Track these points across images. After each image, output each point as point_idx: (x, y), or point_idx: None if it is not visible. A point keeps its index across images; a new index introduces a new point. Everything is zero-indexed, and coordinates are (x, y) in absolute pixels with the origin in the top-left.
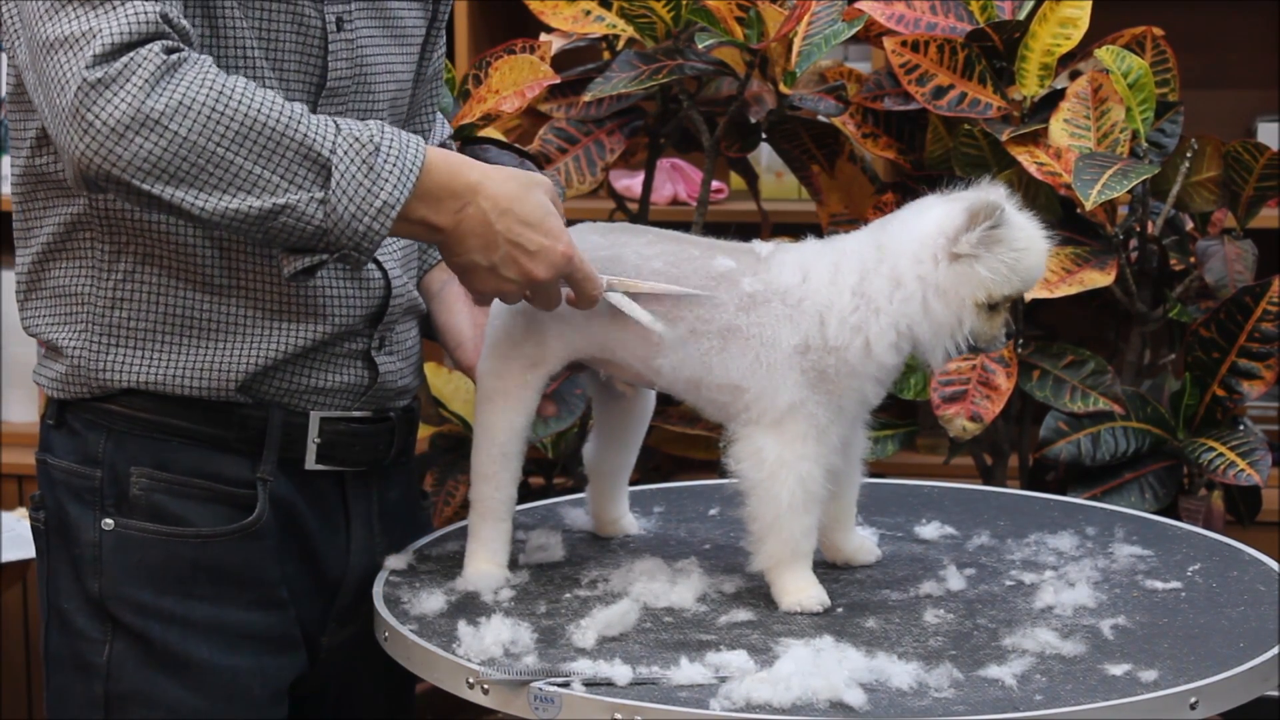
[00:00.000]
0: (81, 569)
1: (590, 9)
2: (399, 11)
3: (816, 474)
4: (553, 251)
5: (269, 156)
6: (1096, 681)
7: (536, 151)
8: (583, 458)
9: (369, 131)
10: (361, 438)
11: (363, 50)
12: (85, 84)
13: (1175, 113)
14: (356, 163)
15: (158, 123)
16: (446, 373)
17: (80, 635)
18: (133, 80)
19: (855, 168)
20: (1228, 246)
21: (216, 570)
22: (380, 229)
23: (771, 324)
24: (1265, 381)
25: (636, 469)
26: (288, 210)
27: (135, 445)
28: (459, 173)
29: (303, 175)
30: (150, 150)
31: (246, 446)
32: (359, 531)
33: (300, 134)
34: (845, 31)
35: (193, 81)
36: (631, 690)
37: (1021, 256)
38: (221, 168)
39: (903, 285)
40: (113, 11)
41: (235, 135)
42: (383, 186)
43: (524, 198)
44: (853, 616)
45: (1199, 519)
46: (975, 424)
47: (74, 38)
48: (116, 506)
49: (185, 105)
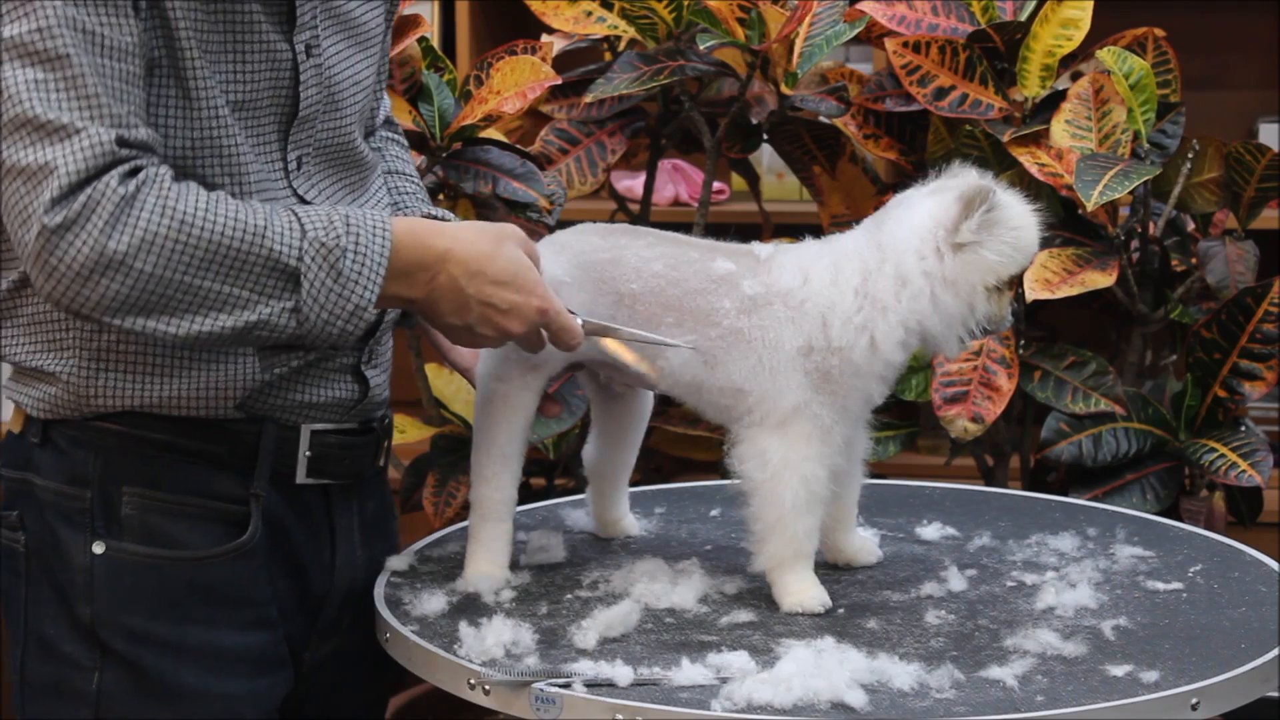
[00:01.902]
0: (71, 594)
1: (592, 10)
2: (362, 16)
3: (820, 475)
4: (526, 308)
5: (236, 274)
6: (1098, 682)
7: (538, 152)
8: (582, 459)
9: (334, 230)
10: (350, 450)
11: (331, 72)
12: (45, 229)
13: (1177, 114)
14: (324, 268)
15: (121, 263)
16: (447, 373)
17: (66, 662)
18: (91, 221)
19: (857, 169)
20: (1229, 247)
21: (211, 592)
22: (354, 330)
23: (774, 326)
24: (1267, 382)
25: (638, 470)
26: (261, 324)
27: (125, 463)
28: (427, 244)
29: (272, 286)
30: (117, 290)
31: (239, 462)
32: (343, 545)
33: (265, 248)
34: (847, 33)
35: (152, 212)
36: (633, 691)
37: (1021, 234)
38: (190, 293)
39: (909, 283)
40: (67, 143)
41: (201, 261)
42: (353, 290)
43: (494, 256)
44: (854, 617)
45: (1200, 520)
46: (976, 425)
47: (30, 170)
48: (107, 528)
49: (147, 241)
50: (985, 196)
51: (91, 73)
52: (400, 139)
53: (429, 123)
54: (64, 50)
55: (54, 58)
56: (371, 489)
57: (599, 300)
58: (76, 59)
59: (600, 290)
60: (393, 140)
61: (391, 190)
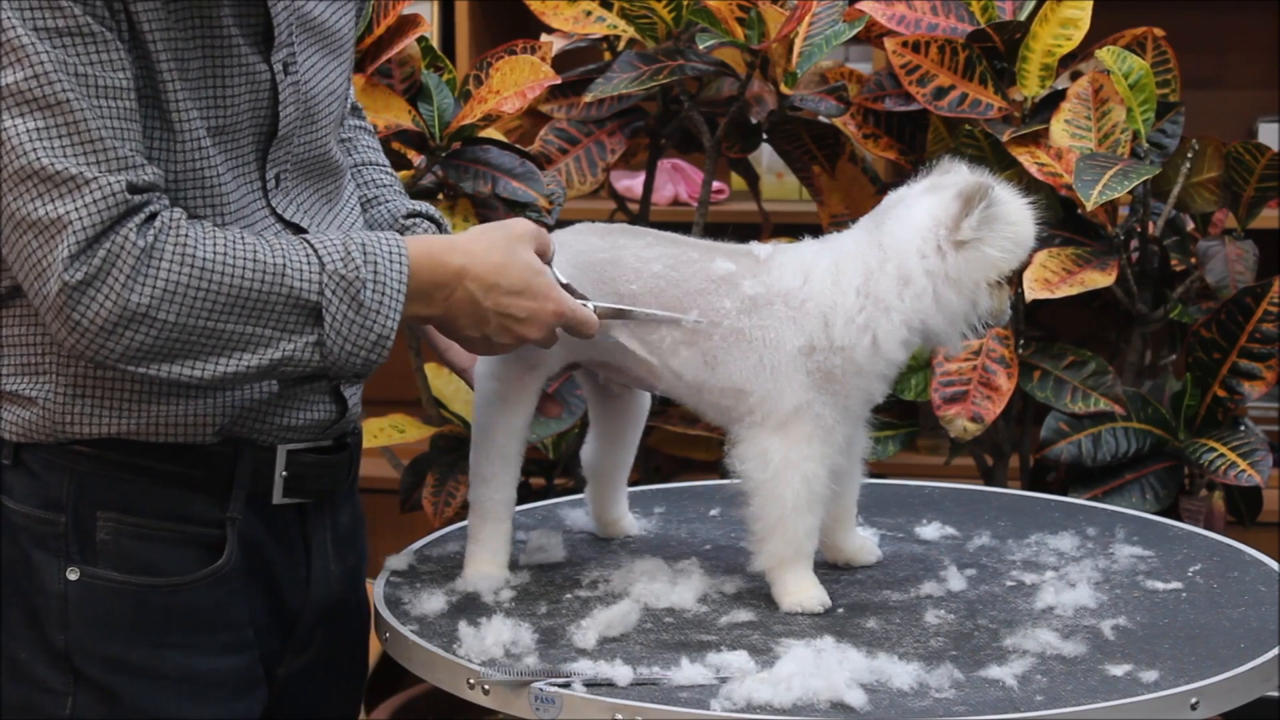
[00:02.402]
0: (44, 620)
1: (591, 10)
2: (334, 23)
3: (821, 474)
4: (542, 313)
5: (259, 315)
6: (1097, 682)
7: (537, 152)
8: (581, 459)
9: (351, 261)
10: (326, 468)
11: (308, 87)
12: (66, 286)
13: (1176, 113)
14: (345, 301)
15: (145, 316)
16: (447, 373)
17: (39, 686)
18: (112, 276)
19: (856, 168)
20: (1229, 247)
21: (187, 617)
22: (378, 359)
23: (775, 326)
24: (1266, 382)
25: (637, 469)
26: (285, 361)
27: (100, 487)
28: (442, 263)
29: (295, 323)
30: (141, 341)
31: (215, 484)
32: (318, 561)
33: (286, 287)
34: (846, 32)
35: (172, 262)
36: (632, 691)
37: (1020, 228)
38: (214, 337)
39: (912, 282)
40: (79, 196)
41: (223, 306)
42: (374, 319)
43: (508, 266)
44: (853, 617)
45: (1200, 519)
46: (976, 425)
47: (43, 224)
48: (81, 554)
49: (169, 292)
50: (984, 193)
51: (92, 116)
52: (366, 125)
53: (428, 122)
54: (62, 96)
55: (53, 104)
56: (343, 501)
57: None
58: (75, 103)
59: (600, 291)
60: (361, 129)
61: (367, 183)
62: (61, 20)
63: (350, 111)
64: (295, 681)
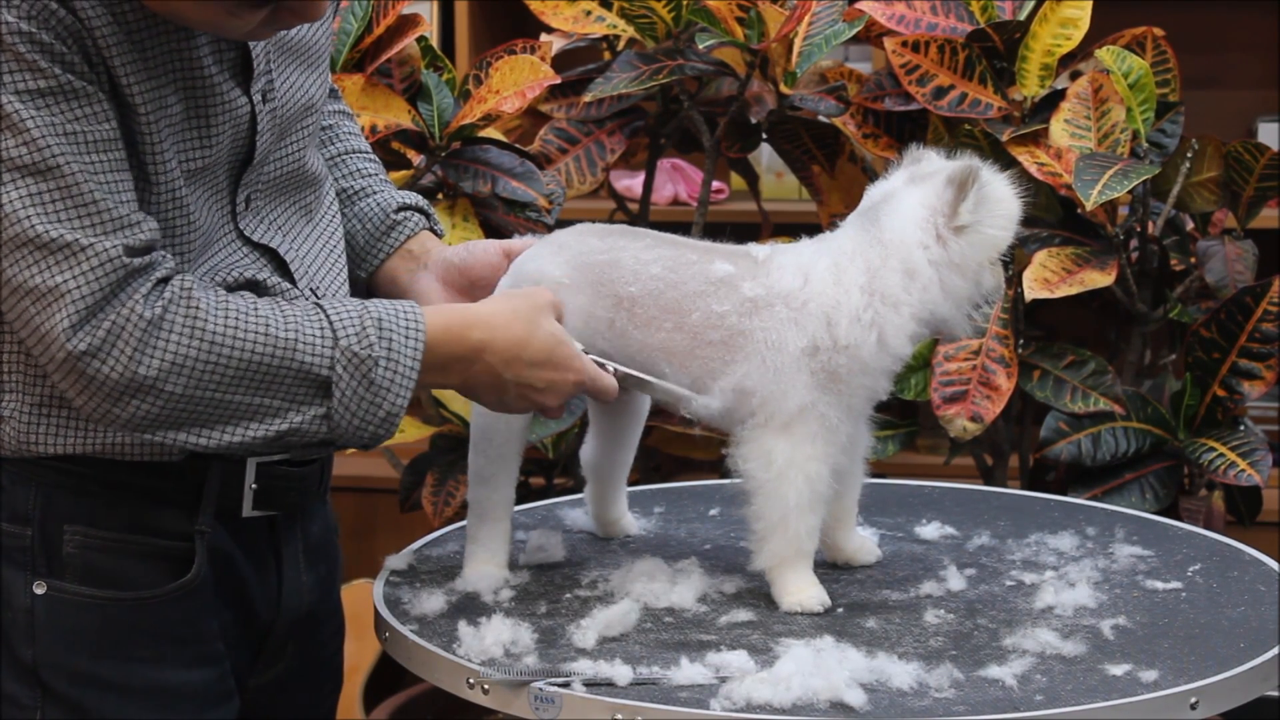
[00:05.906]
0: (12, 634)
1: (591, 9)
2: (311, 37)
3: (824, 474)
4: (563, 383)
5: (268, 387)
6: (1097, 682)
7: (537, 152)
8: (580, 459)
9: (366, 338)
10: (296, 481)
11: (285, 109)
12: (71, 356)
13: (1176, 113)
14: (356, 378)
15: (152, 387)
16: None
17: (7, 700)
18: (118, 348)
19: (856, 168)
20: (1228, 247)
21: (156, 631)
22: (386, 434)
23: (776, 328)
24: (1266, 382)
25: (637, 469)
26: (292, 431)
27: (67, 501)
28: (462, 339)
29: (303, 395)
30: (149, 410)
31: (183, 498)
32: (289, 572)
33: (297, 361)
34: (846, 32)
35: (180, 335)
36: (632, 690)
37: (1009, 204)
38: (222, 407)
39: (918, 274)
40: (74, 264)
41: (232, 379)
42: (384, 398)
43: (530, 340)
44: (853, 616)
45: (1199, 519)
46: (976, 424)
47: (39, 292)
48: (49, 567)
49: (177, 365)
50: (975, 175)
51: (84, 177)
52: (345, 108)
53: (428, 122)
54: (53, 161)
55: (44, 170)
56: (314, 512)
57: (598, 302)
58: (67, 166)
59: (599, 292)
60: (340, 114)
61: (352, 174)
62: (44, 81)
63: (329, 95)
64: (267, 692)
